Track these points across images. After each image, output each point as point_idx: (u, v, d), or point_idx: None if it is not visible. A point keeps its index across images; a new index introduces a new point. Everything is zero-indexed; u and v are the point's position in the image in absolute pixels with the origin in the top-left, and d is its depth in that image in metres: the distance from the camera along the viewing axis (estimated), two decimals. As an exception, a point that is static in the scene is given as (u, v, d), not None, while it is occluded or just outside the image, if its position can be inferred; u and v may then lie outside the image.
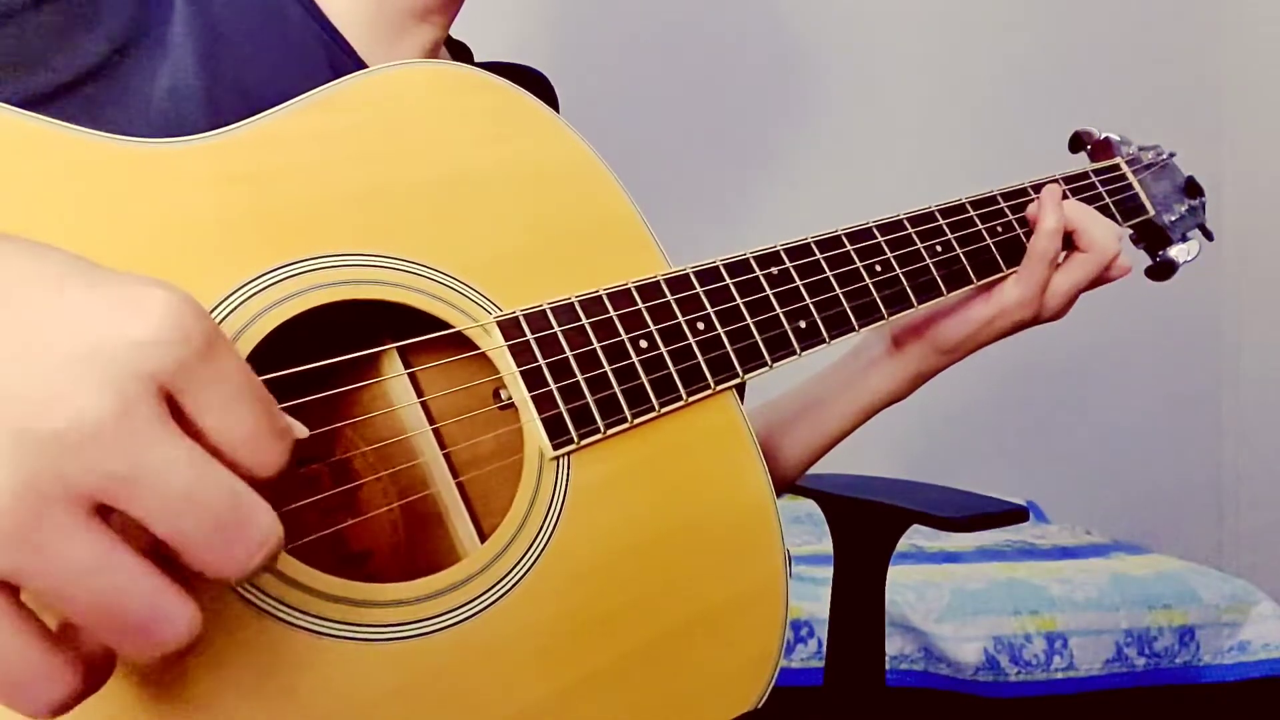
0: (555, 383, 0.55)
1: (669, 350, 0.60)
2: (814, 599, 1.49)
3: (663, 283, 0.61)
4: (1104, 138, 0.90)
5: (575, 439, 0.55)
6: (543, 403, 0.55)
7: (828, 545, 1.17)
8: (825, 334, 0.66)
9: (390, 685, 0.46)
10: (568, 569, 0.53)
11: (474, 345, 0.55)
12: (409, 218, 0.55)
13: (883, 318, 0.69)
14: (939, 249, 0.74)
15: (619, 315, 0.59)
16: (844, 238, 0.70)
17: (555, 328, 0.56)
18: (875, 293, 0.69)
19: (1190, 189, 0.92)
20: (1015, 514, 1.14)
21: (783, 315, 0.65)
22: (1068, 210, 0.78)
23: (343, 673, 0.45)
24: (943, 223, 0.75)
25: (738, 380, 0.62)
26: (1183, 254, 0.89)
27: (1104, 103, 2.43)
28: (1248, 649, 1.65)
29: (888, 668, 1.35)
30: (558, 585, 0.52)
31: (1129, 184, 0.86)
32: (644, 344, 0.59)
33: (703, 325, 0.62)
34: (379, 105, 0.57)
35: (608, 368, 0.57)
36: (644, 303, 0.60)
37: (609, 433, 0.56)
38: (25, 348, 0.30)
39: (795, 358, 0.65)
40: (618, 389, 0.57)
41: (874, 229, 0.71)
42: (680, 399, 0.59)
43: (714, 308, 0.62)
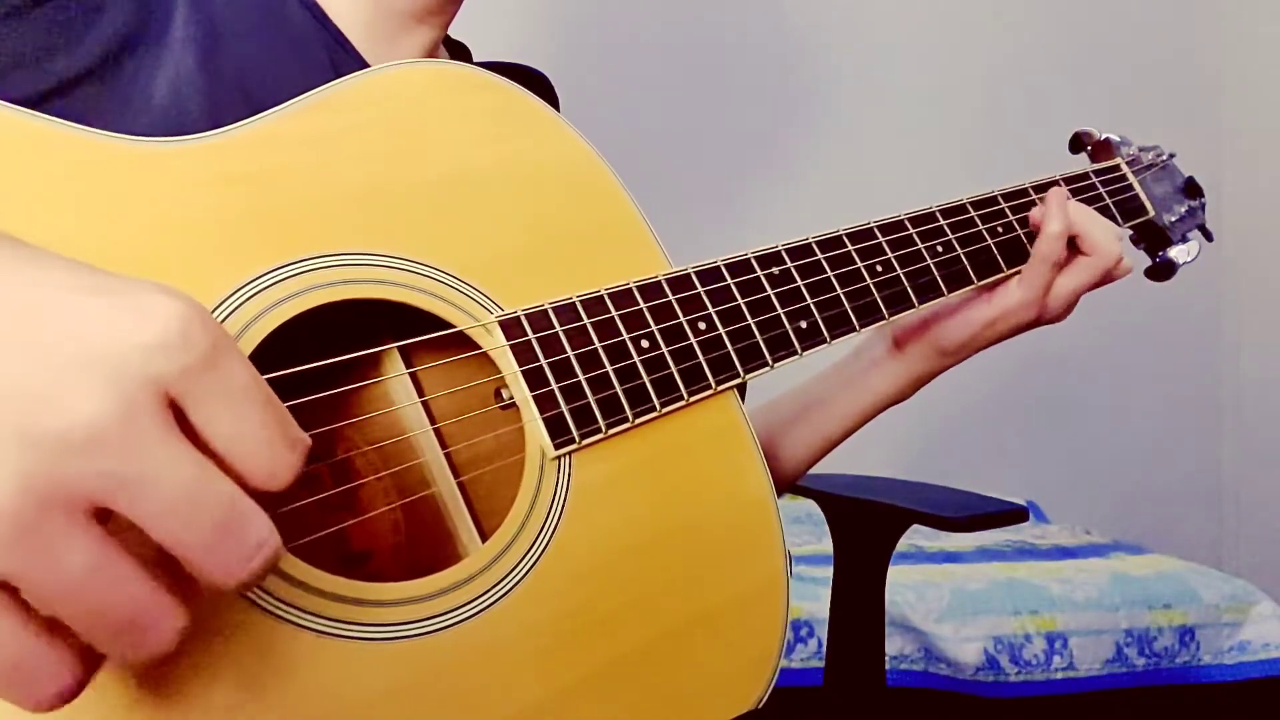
0: (557, 382, 0.55)
1: (670, 350, 0.60)
2: (814, 599, 1.50)
3: (664, 282, 0.61)
4: (1104, 138, 0.90)
5: (577, 438, 0.55)
6: (544, 402, 0.55)
7: (828, 545, 1.17)
8: (826, 334, 0.66)
9: (391, 684, 0.46)
10: (569, 569, 0.53)
11: (475, 345, 0.55)
12: (410, 217, 0.55)
13: (884, 318, 0.69)
14: (940, 249, 0.74)
15: (620, 315, 0.59)
16: (845, 238, 0.70)
17: (557, 327, 0.56)
18: (876, 293, 0.69)
19: (1190, 190, 0.92)
20: (1015, 514, 1.14)
21: (784, 315, 0.65)
22: (1071, 213, 0.78)
23: (344, 672, 0.45)
24: (944, 223, 0.75)
25: (739, 380, 0.62)
26: (1183, 255, 0.89)
27: (1104, 103, 2.43)
28: (1248, 649, 1.65)
29: (888, 668, 1.35)
30: (559, 585, 0.52)
31: (1129, 184, 0.87)
32: (645, 344, 0.59)
33: (704, 325, 0.62)
34: (379, 105, 0.57)
35: (609, 367, 0.57)
36: (645, 302, 0.60)
37: (610, 432, 0.56)
38: (30, 348, 0.30)
39: (796, 358, 0.65)
40: (619, 388, 0.57)
41: (875, 229, 0.71)
42: (681, 399, 0.59)
43: (715, 307, 0.62)
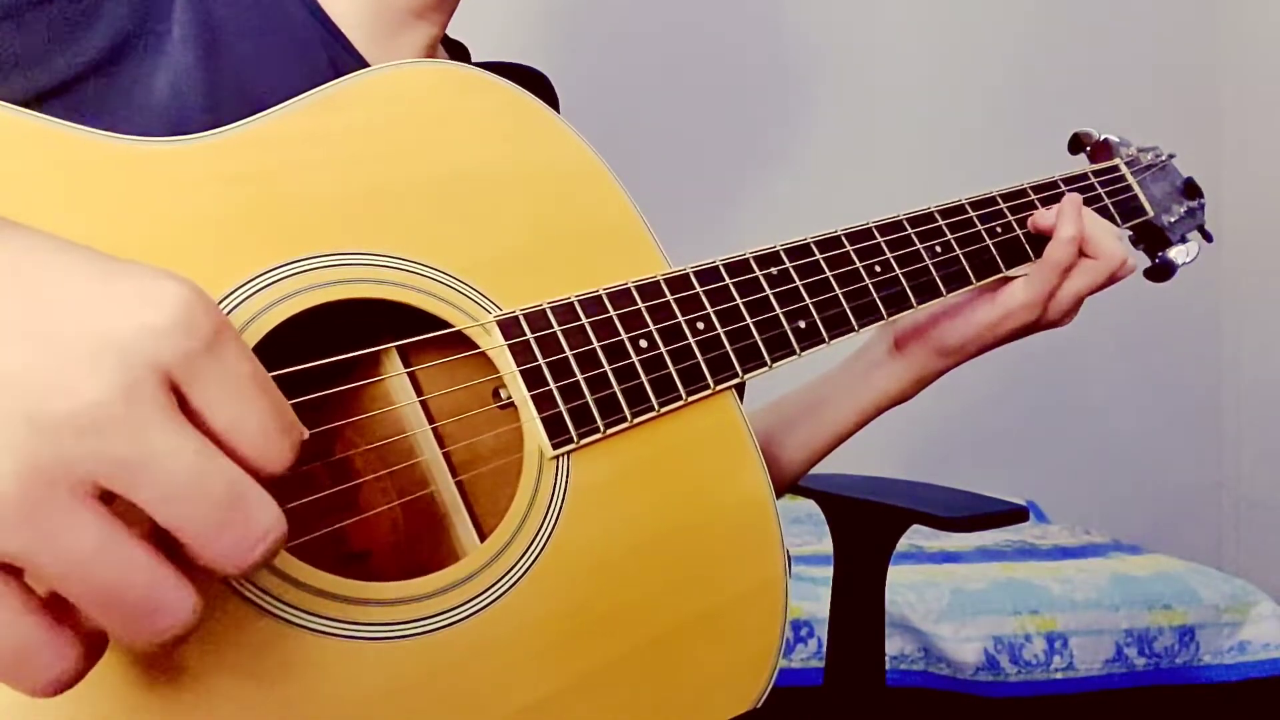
0: (555, 382, 0.55)
1: (669, 350, 0.60)
2: (814, 599, 1.50)
3: (662, 282, 0.61)
4: (1103, 139, 0.90)
5: (575, 438, 0.55)
6: (542, 402, 0.55)
7: (828, 545, 1.17)
8: (825, 334, 0.66)
9: (389, 683, 0.46)
10: (567, 568, 0.53)
11: (474, 344, 0.55)
12: (409, 217, 0.55)
13: (882, 318, 0.69)
14: (938, 249, 0.74)
15: (619, 315, 0.59)
16: (844, 238, 0.70)
17: (555, 327, 0.57)
18: (875, 293, 0.69)
19: (1189, 190, 0.92)
20: (1015, 514, 1.14)
21: (782, 315, 0.65)
22: (1085, 221, 0.78)
23: (342, 671, 0.45)
24: (942, 223, 0.75)
25: (737, 380, 0.62)
26: (1182, 255, 0.89)
27: (1103, 104, 2.43)
28: (1248, 649, 1.65)
29: (888, 668, 1.35)
30: (557, 584, 0.52)
31: (1128, 185, 0.87)
32: (644, 344, 0.59)
33: (702, 325, 0.62)
34: (379, 105, 0.57)
35: (607, 367, 0.57)
36: (644, 302, 0.60)
37: (608, 432, 0.56)
38: (35, 331, 0.30)
39: (795, 358, 0.65)
40: (617, 388, 0.57)
41: (874, 229, 0.71)
42: (680, 399, 0.59)
43: (714, 308, 0.62)
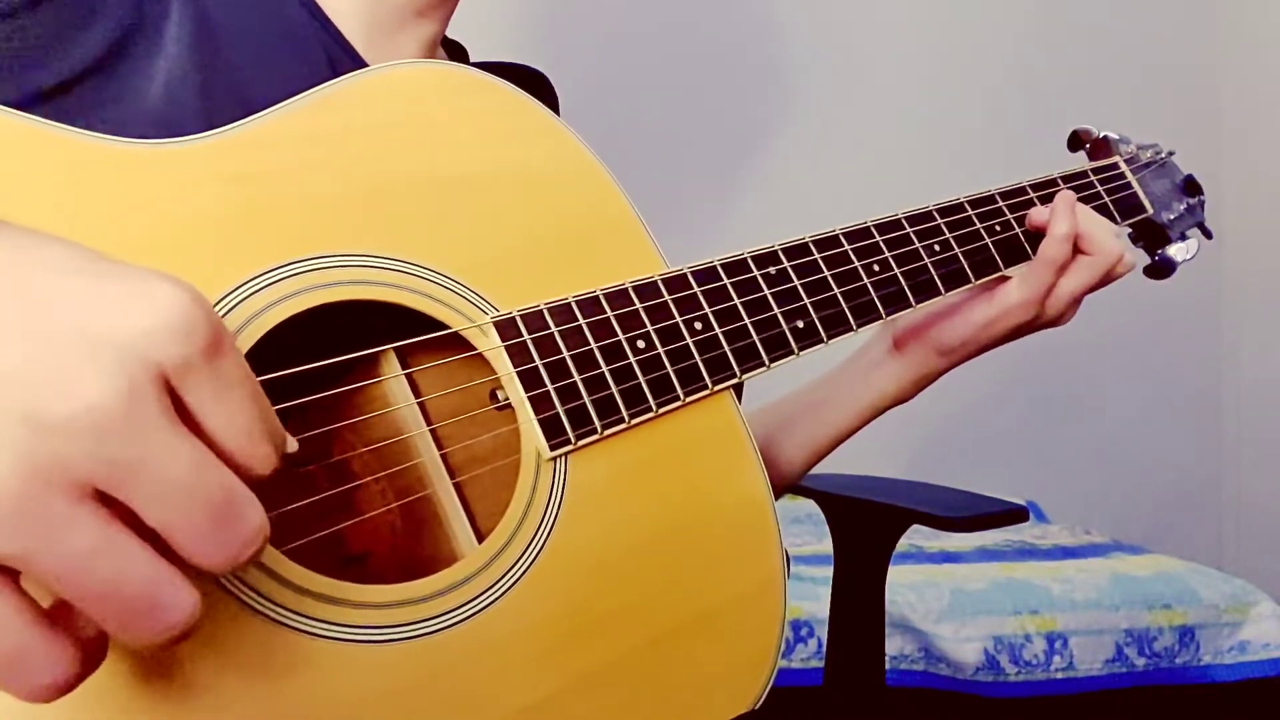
0: (552, 383, 0.55)
1: (666, 350, 0.60)
2: (814, 599, 1.50)
3: (660, 283, 0.61)
4: (1102, 136, 0.90)
5: (572, 439, 0.55)
6: (540, 403, 0.55)
7: (828, 545, 1.17)
8: (823, 334, 0.66)
9: (387, 686, 0.46)
10: (565, 569, 0.53)
11: (471, 346, 0.55)
12: (407, 218, 0.55)
13: (880, 317, 0.69)
14: (937, 248, 0.74)
15: (616, 315, 0.59)
16: (842, 237, 0.70)
17: (552, 328, 0.56)
18: (873, 292, 0.69)
19: (1189, 187, 0.91)
20: (1015, 514, 1.14)
21: (780, 315, 0.65)
22: (1078, 216, 0.78)
23: (340, 674, 0.45)
24: (940, 222, 0.75)
25: (735, 380, 0.62)
26: (1181, 253, 0.88)
27: (1103, 101, 2.43)
28: (1248, 649, 1.65)
29: (888, 668, 1.35)
30: (555, 586, 0.52)
31: (1127, 182, 0.86)
32: (641, 344, 0.59)
33: (700, 325, 0.61)
34: (377, 106, 0.57)
35: (605, 368, 0.57)
36: (641, 303, 0.60)
37: (606, 433, 0.56)
38: (34, 331, 0.30)
39: (793, 358, 0.65)
40: (615, 389, 0.57)
41: (872, 228, 0.71)
42: (677, 399, 0.59)
43: (711, 308, 0.62)
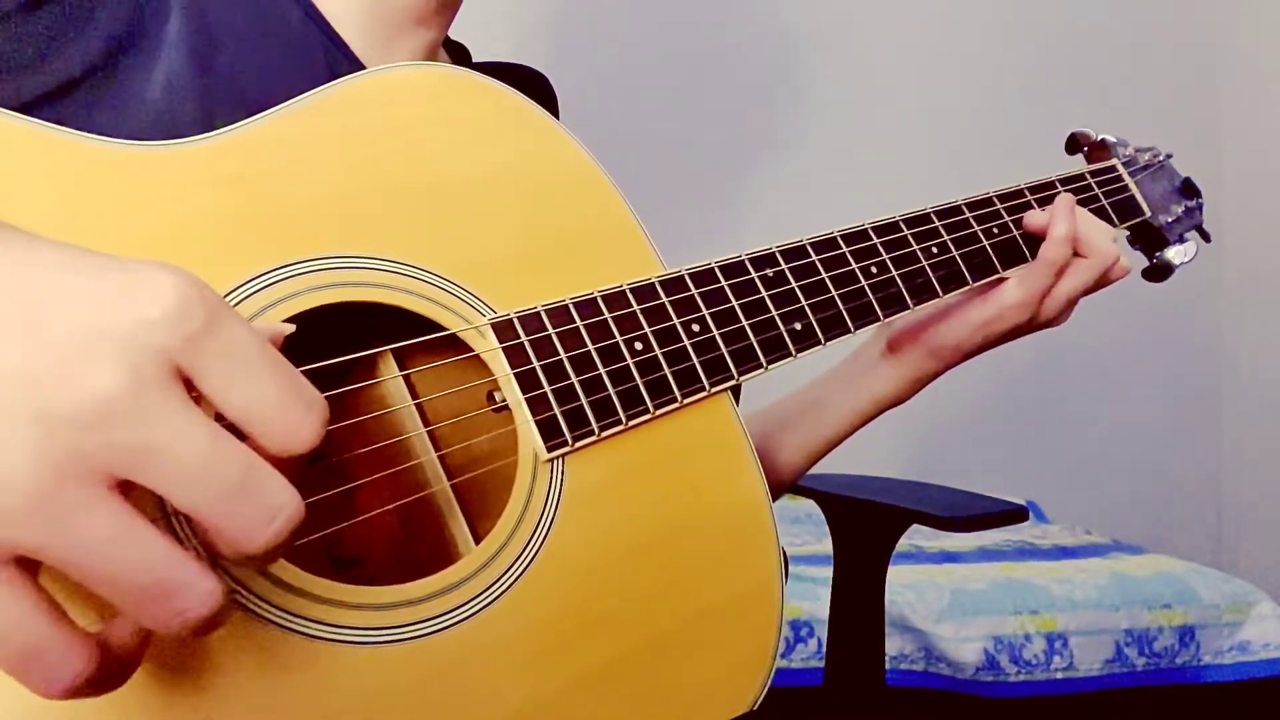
0: (549, 385, 0.55)
1: (663, 352, 0.60)
2: (814, 599, 1.50)
3: (657, 285, 0.61)
4: (1100, 139, 0.90)
5: (570, 441, 0.55)
6: (537, 405, 0.55)
7: (828, 545, 1.17)
8: (820, 336, 0.66)
9: (385, 687, 0.46)
10: (563, 570, 0.53)
11: (469, 347, 0.55)
12: (404, 220, 0.56)
13: (878, 319, 0.69)
14: (935, 250, 0.74)
15: (613, 317, 0.59)
16: (840, 239, 0.70)
17: (549, 330, 0.57)
18: (871, 294, 0.69)
19: (1187, 190, 0.91)
20: (1015, 514, 1.14)
21: (778, 317, 0.65)
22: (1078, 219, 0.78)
23: (337, 675, 0.45)
24: (939, 224, 0.75)
25: (733, 382, 0.62)
26: (1179, 255, 0.89)
27: (1101, 104, 2.43)
28: (1248, 649, 1.65)
29: (888, 668, 1.35)
30: (553, 587, 0.52)
31: (1125, 185, 0.86)
32: (639, 346, 0.59)
33: (698, 327, 0.62)
34: (375, 107, 0.57)
35: (602, 370, 0.57)
36: (638, 305, 0.60)
37: (603, 435, 0.56)
38: (35, 329, 0.31)
39: (790, 359, 0.65)
40: (612, 391, 0.57)
41: (870, 230, 0.71)
42: (675, 401, 0.59)
43: (709, 310, 0.62)
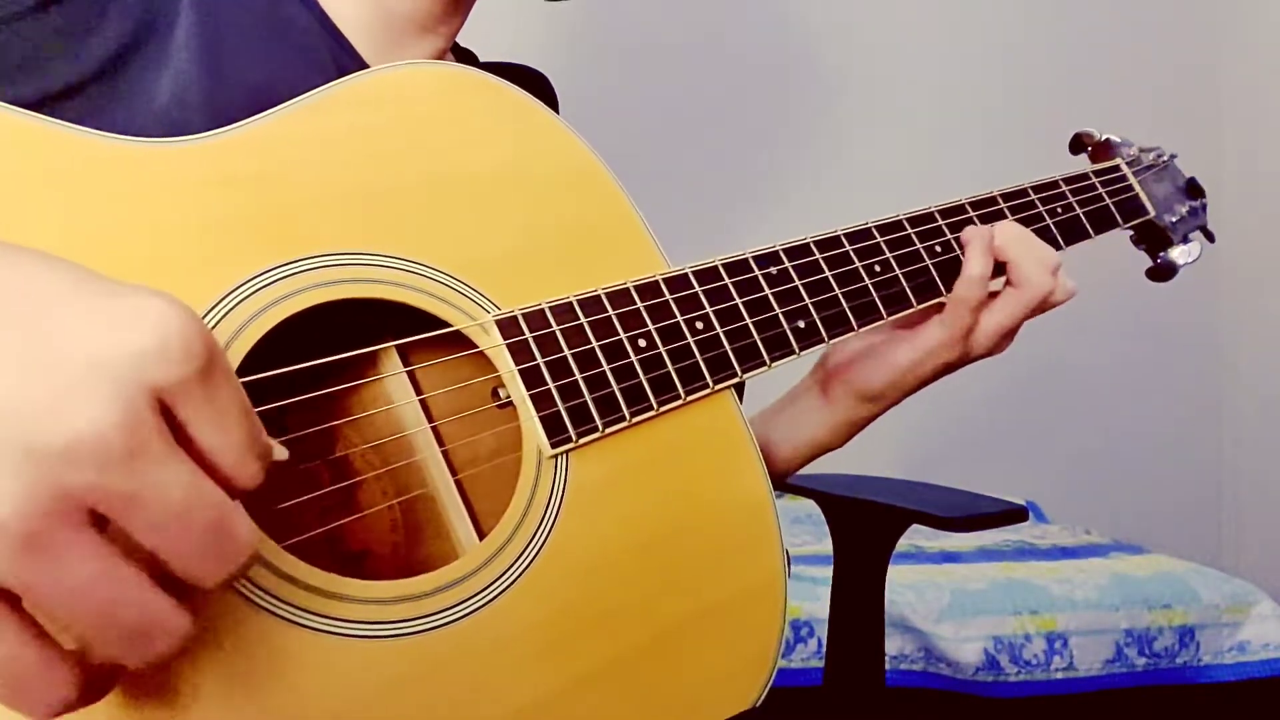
0: (554, 381, 0.55)
1: (667, 349, 0.60)
2: (814, 599, 1.50)
3: (661, 282, 0.61)
4: (1105, 139, 0.90)
5: (573, 437, 0.55)
6: (541, 401, 0.55)
7: (828, 545, 1.17)
8: (824, 333, 0.66)
9: (386, 681, 0.46)
10: (566, 567, 0.53)
11: (473, 344, 0.55)
12: (408, 217, 0.56)
13: (881, 317, 0.69)
14: (938, 249, 0.74)
15: (617, 314, 0.59)
16: (843, 238, 0.70)
17: (554, 326, 0.57)
18: (874, 293, 0.69)
19: (1192, 190, 0.91)
20: (1015, 514, 1.14)
21: (781, 315, 0.65)
22: (1000, 242, 0.74)
23: (337, 668, 0.45)
24: (942, 223, 0.75)
25: (736, 380, 0.62)
26: (1183, 255, 0.88)
27: (1105, 104, 2.43)
28: (1248, 649, 1.65)
29: (888, 668, 1.35)
30: (556, 583, 0.53)
31: (1129, 185, 0.86)
32: (642, 343, 0.59)
33: (701, 325, 0.62)
34: (379, 105, 0.58)
35: (606, 367, 0.57)
36: (642, 302, 0.60)
37: (607, 431, 0.56)
38: (29, 359, 0.30)
39: (794, 357, 0.65)
40: (616, 388, 0.57)
41: (873, 229, 0.71)
42: (678, 398, 0.59)
43: (713, 307, 0.62)
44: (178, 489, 0.31)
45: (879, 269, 0.70)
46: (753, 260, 0.65)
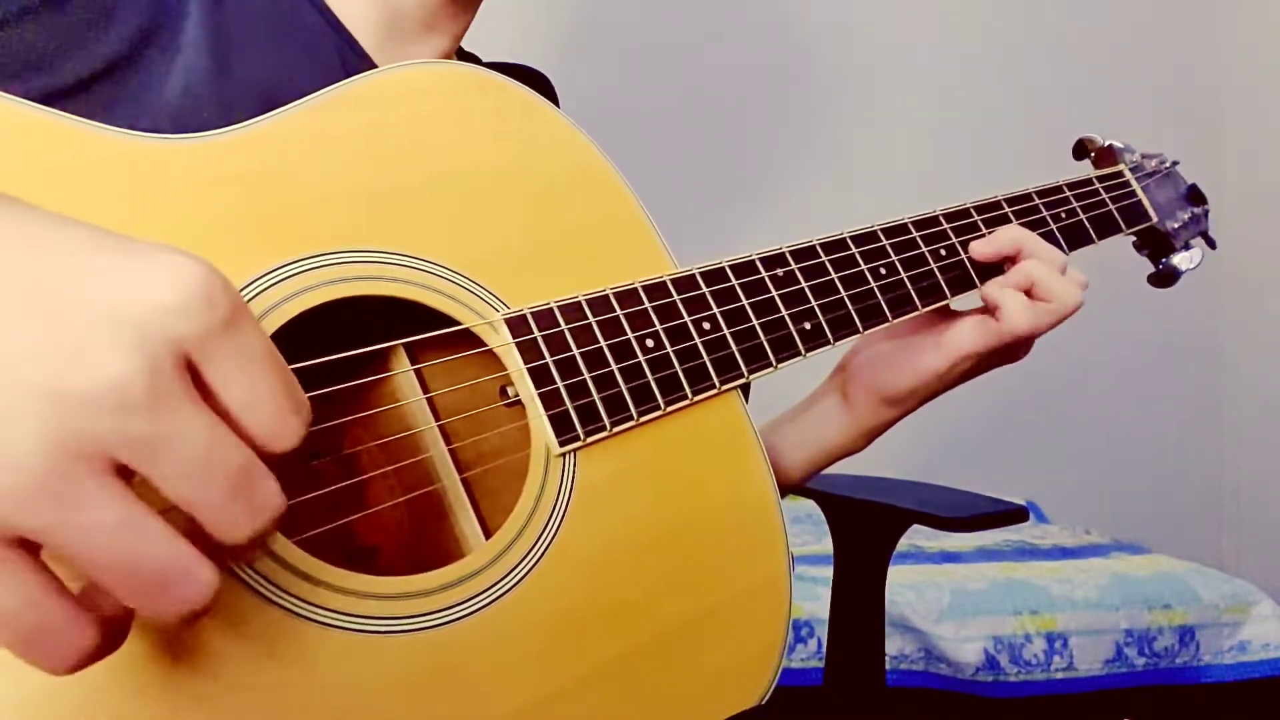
0: (562, 380, 0.56)
1: (675, 350, 0.60)
2: (814, 599, 1.50)
3: (669, 283, 0.62)
4: (1107, 145, 0.90)
5: (581, 436, 0.55)
6: (549, 400, 0.55)
7: (828, 545, 1.17)
8: (830, 335, 0.67)
9: (393, 677, 0.47)
10: (573, 565, 0.53)
11: (481, 342, 0.56)
12: (416, 215, 0.56)
13: (887, 320, 0.70)
14: (943, 253, 0.74)
15: (626, 314, 0.59)
16: (849, 240, 0.70)
17: (562, 325, 0.57)
18: (880, 295, 0.70)
19: (1194, 197, 0.92)
20: (1015, 514, 1.14)
21: (788, 316, 0.65)
22: (1030, 270, 0.73)
23: (349, 664, 0.46)
24: (947, 227, 0.75)
25: (743, 380, 0.63)
26: (1185, 262, 0.89)
27: (1105, 105, 2.43)
28: (1248, 649, 1.66)
29: (888, 668, 1.36)
30: (563, 580, 0.53)
31: (1132, 191, 0.87)
32: (650, 343, 0.59)
33: (708, 325, 0.62)
34: (386, 104, 0.58)
35: (614, 366, 0.58)
36: (650, 302, 0.60)
37: (615, 430, 0.57)
38: (55, 306, 0.31)
39: (800, 358, 0.66)
40: (624, 387, 0.58)
41: (879, 232, 0.72)
42: (686, 398, 0.60)
43: (720, 308, 0.63)
44: (199, 438, 0.31)
45: (885, 272, 0.71)
46: (759, 262, 0.66)
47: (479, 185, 0.59)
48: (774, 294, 0.65)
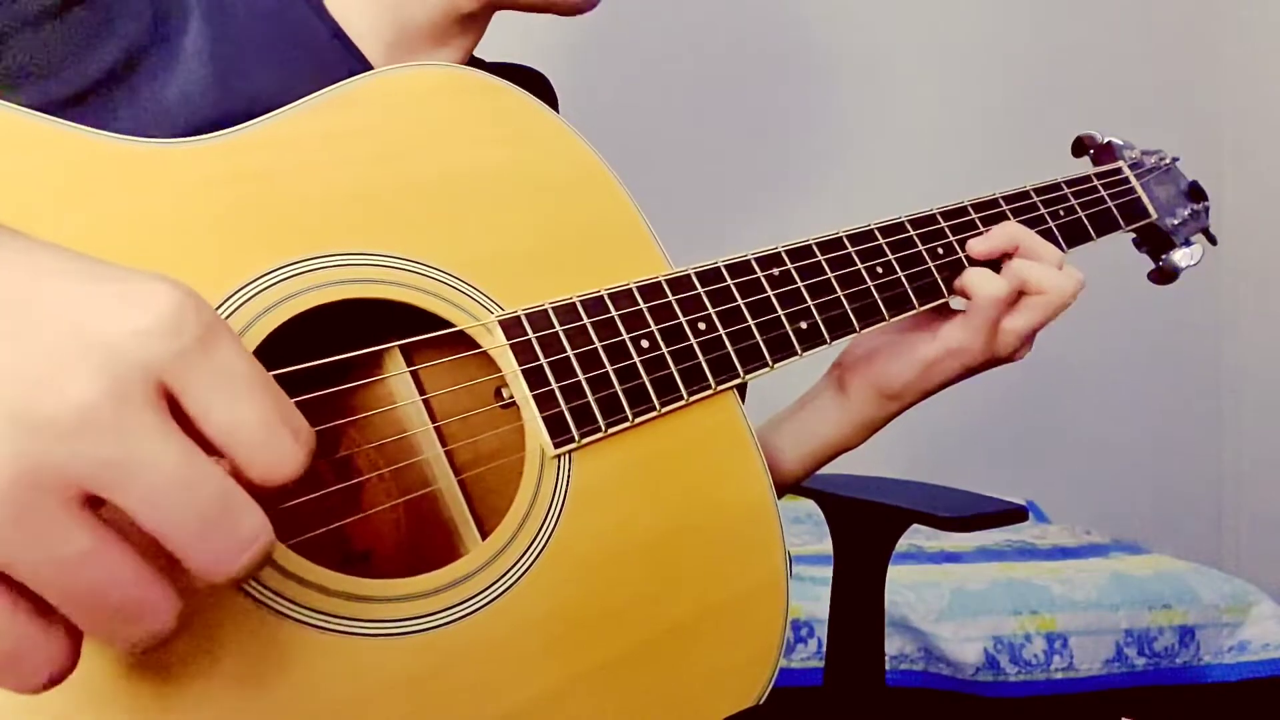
0: (557, 381, 0.56)
1: (670, 350, 0.60)
2: (814, 599, 1.50)
3: (664, 283, 0.61)
4: (1107, 142, 0.90)
5: (576, 437, 0.55)
6: (544, 401, 0.55)
7: (828, 545, 1.17)
8: (826, 335, 0.67)
9: (391, 680, 0.47)
10: (569, 566, 0.53)
11: (476, 344, 0.55)
12: (412, 217, 0.56)
13: (884, 319, 0.70)
14: (940, 251, 0.74)
15: (620, 315, 0.59)
16: (845, 239, 0.70)
17: (557, 327, 0.57)
18: (876, 294, 0.70)
19: (1193, 193, 0.91)
20: (1015, 514, 1.14)
21: (784, 316, 0.65)
22: (1019, 269, 0.73)
23: (345, 667, 0.45)
24: (944, 225, 0.75)
25: (739, 380, 0.62)
26: (1185, 258, 0.88)
27: (1104, 104, 2.43)
28: (1248, 649, 1.66)
29: (888, 668, 1.35)
30: (559, 582, 0.53)
31: (1131, 187, 0.86)
32: (645, 344, 0.59)
33: (704, 325, 0.62)
34: (385, 107, 0.58)
35: (609, 367, 0.57)
36: (645, 303, 0.60)
37: (610, 431, 0.56)
38: (23, 331, 0.30)
39: (796, 358, 0.65)
40: (619, 388, 0.57)
41: (875, 231, 0.71)
42: (681, 398, 0.60)
43: (715, 308, 0.63)
44: (168, 463, 0.30)
45: (881, 270, 0.70)
46: (755, 261, 0.66)
47: (474, 187, 0.59)
48: (770, 294, 0.65)
